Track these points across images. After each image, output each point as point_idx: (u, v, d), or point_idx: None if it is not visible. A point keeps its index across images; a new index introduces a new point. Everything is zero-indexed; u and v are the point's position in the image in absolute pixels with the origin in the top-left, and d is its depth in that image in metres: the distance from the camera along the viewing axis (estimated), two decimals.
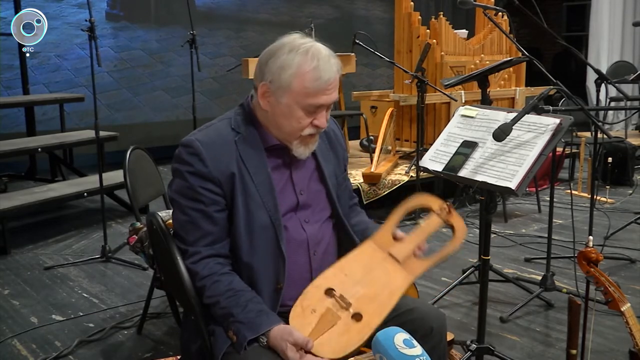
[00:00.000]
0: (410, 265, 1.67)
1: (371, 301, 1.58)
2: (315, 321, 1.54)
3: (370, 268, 1.64)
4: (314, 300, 1.57)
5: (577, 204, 4.82)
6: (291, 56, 1.58)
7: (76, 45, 6.40)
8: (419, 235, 1.72)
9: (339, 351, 1.51)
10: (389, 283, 1.62)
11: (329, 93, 1.60)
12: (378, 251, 1.69)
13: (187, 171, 1.59)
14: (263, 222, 1.61)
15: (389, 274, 1.64)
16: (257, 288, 1.62)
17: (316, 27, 5.69)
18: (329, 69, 1.58)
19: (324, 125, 1.64)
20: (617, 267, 3.55)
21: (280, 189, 1.67)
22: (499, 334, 2.78)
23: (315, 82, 1.57)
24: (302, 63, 1.57)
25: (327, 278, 1.61)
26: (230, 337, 1.55)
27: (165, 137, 6.76)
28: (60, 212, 4.91)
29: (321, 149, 1.77)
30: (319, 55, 1.58)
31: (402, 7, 5.04)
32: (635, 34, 8.12)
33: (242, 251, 1.62)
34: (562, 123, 1.85)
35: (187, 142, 1.62)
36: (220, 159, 1.60)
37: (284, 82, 1.58)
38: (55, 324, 2.92)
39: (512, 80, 5.39)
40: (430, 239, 1.73)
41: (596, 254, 1.75)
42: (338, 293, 1.58)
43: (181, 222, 1.62)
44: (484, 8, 2.98)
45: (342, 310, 1.56)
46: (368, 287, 1.61)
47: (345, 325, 1.54)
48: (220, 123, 1.68)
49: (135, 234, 2.46)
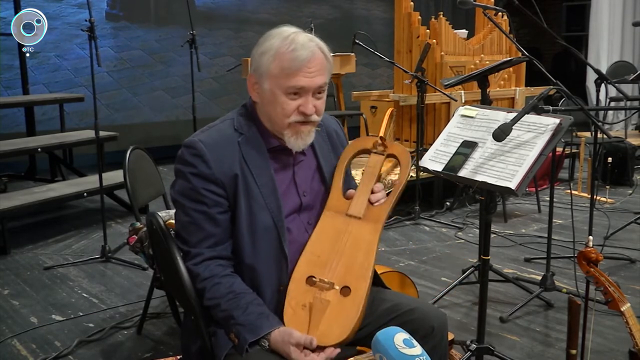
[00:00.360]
0: (372, 215, 1.66)
1: (350, 269, 1.59)
2: (308, 315, 1.54)
3: (336, 238, 1.64)
4: (299, 295, 1.57)
5: (577, 204, 4.82)
6: (270, 42, 1.59)
7: (76, 45, 6.40)
8: (368, 182, 1.70)
9: (343, 332, 1.52)
10: (359, 243, 1.62)
11: (310, 75, 1.57)
12: (336, 217, 1.67)
13: (190, 172, 1.59)
14: (266, 223, 1.61)
15: (356, 234, 1.64)
16: (260, 290, 1.61)
17: (316, 27, 5.69)
18: (306, 49, 1.56)
19: (310, 112, 1.59)
20: (616, 267, 3.55)
21: (284, 191, 1.66)
22: (499, 334, 2.78)
23: (293, 62, 1.55)
24: (280, 46, 1.57)
25: (302, 268, 1.61)
26: (232, 339, 1.55)
27: (165, 137, 6.76)
28: (60, 212, 4.91)
29: (322, 150, 1.76)
30: (297, 37, 1.58)
31: (402, 7, 5.04)
32: (635, 34, 8.12)
33: (245, 253, 1.61)
34: (562, 123, 1.85)
35: (190, 143, 1.61)
36: (223, 160, 1.59)
37: (264, 67, 1.59)
38: (55, 324, 2.92)
39: (512, 80, 5.39)
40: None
41: (596, 254, 1.75)
42: (317, 278, 1.58)
43: (184, 223, 1.62)
44: (483, 8, 2.98)
45: (328, 292, 1.56)
46: (342, 257, 1.61)
47: (338, 304, 1.55)
48: (222, 124, 1.67)
49: (135, 234, 2.46)
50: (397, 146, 1.77)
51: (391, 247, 3.97)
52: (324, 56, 1.61)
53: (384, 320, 1.66)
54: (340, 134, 1.86)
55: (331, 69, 1.66)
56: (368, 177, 1.70)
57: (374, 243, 1.62)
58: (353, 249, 1.62)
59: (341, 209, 1.68)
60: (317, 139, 1.73)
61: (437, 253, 3.87)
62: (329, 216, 1.67)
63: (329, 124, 1.83)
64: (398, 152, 1.76)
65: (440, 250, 3.91)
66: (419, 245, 4.01)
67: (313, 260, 1.61)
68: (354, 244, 1.62)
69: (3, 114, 5.98)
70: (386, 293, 1.76)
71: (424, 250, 3.91)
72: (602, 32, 8.01)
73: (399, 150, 1.77)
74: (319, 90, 1.61)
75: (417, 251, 3.90)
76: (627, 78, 3.92)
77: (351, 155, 1.77)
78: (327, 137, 1.80)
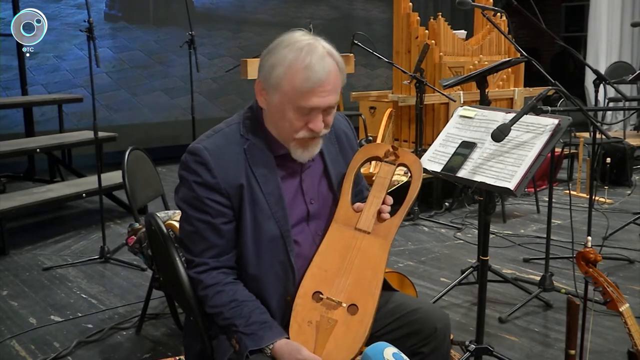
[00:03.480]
0: (381, 230, 1.62)
1: (358, 286, 1.55)
2: (314, 333, 1.51)
3: (344, 252, 1.60)
4: (306, 311, 1.54)
5: (575, 205, 4.82)
6: (284, 53, 1.49)
7: (75, 46, 6.39)
8: (378, 194, 1.65)
9: (350, 351, 1.49)
10: (368, 260, 1.59)
11: (323, 95, 1.49)
12: (345, 231, 1.62)
13: (194, 181, 1.53)
14: (272, 233, 1.56)
15: (365, 250, 1.60)
16: (265, 300, 1.58)
17: (315, 28, 5.68)
18: (321, 69, 1.47)
19: (319, 130, 1.53)
20: (615, 268, 3.55)
21: (290, 199, 1.61)
22: (498, 335, 2.78)
23: (306, 83, 1.46)
24: (294, 61, 1.47)
25: (309, 282, 1.57)
26: (233, 345, 1.53)
27: (164, 137, 6.76)
28: (59, 213, 4.90)
29: (330, 153, 1.70)
30: (313, 52, 1.48)
31: (401, 7, 5.04)
32: (634, 34, 8.13)
33: (249, 263, 1.58)
34: (560, 123, 1.85)
35: (195, 150, 1.54)
36: (228, 169, 1.54)
37: (273, 81, 1.50)
38: (54, 324, 2.92)
39: (510, 81, 5.40)
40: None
41: (595, 254, 1.75)
42: (325, 294, 1.55)
43: (187, 232, 1.58)
44: (482, 8, 2.98)
45: (335, 310, 1.53)
46: (350, 274, 1.57)
47: (344, 323, 1.52)
48: (228, 129, 1.60)
49: (134, 234, 2.47)
50: (408, 155, 1.71)
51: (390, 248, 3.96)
52: (338, 72, 1.52)
53: (388, 320, 1.65)
54: (349, 136, 1.79)
55: (344, 80, 1.57)
56: (378, 189, 1.65)
57: (383, 260, 1.58)
58: (361, 265, 1.58)
59: (350, 222, 1.63)
60: (325, 141, 1.66)
61: (436, 253, 3.87)
62: (337, 229, 1.63)
63: (338, 125, 1.75)
64: (410, 162, 1.70)
65: (439, 251, 3.91)
66: (418, 246, 4.01)
67: (320, 275, 1.58)
68: (363, 260, 1.58)
69: (2, 115, 5.98)
70: (390, 293, 1.73)
71: (423, 251, 3.91)
72: (600, 32, 8.02)
73: (410, 160, 1.71)
74: (330, 107, 1.54)
75: (416, 251, 3.90)
76: (626, 78, 3.93)
77: (360, 163, 1.72)
78: (336, 140, 1.73)
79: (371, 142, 4.97)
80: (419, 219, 4.51)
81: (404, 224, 4.47)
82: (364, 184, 1.83)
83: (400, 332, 1.64)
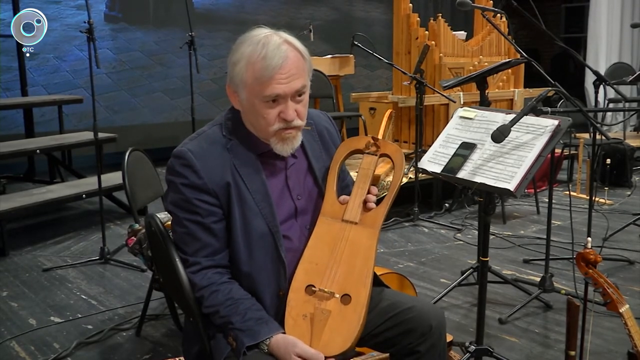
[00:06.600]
0: (368, 220, 1.64)
1: (350, 276, 1.57)
2: (309, 326, 1.52)
3: (333, 244, 1.61)
4: (300, 305, 1.55)
5: (575, 206, 4.83)
6: (242, 49, 1.53)
7: (75, 47, 6.40)
8: (362, 184, 1.67)
9: (346, 341, 1.50)
10: (357, 249, 1.60)
11: (283, 81, 1.50)
12: (332, 223, 1.64)
13: (181, 183, 1.56)
14: (261, 230, 1.59)
15: (353, 240, 1.62)
16: (258, 296, 1.60)
17: (315, 29, 5.70)
18: (277, 55, 1.49)
19: (291, 118, 1.54)
20: (615, 269, 3.55)
21: (277, 196, 1.63)
22: (498, 336, 2.78)
23: (265, 72, 1.49)
24: (251, 54, 1.51)
25: (301, 277, 1.59)
26: (230, 342, 1.54)
27: (164, 138, 6.75)
28: (59, 214, 4.90)
29: (313, 149, 1.73)
30: (269, 43, 1.50)
31: (401, 8, 5.05)
32: (634, 35, 8.14)
33: (241, 261, 1.60)
34: (560, 124, 1.85)
35: (179, 153, 1.57)
36: (214, 169, 1.56)
37: (237, 79, 1.54)
38: (54, 325, 2.92)
39: (510, 82, 5.40)
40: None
41: (595, 255, 1.75)
42: (317, 286, 1.57)
43: (180, 234, 1.61)
44: (482, 9, 2.98)
45: (328, 301, 1.55)
46: (340, 265, 1.59)
47: (339, 313, 1.53)
48: (211, 130, 1.64)
49: (133, 235, 2.46)
50: (389, 145, 1.74)
51: (390, 249, 3.97)
52: (299, 57, 1.54)
53: (383, 319, 1.66)
54: (331, 131, 1.81)
55: (310, 68, 1.59)
56: (362, 180, 1.68)
57: (372, 248, 1.60)
58: (351, 255, 1.60)
59: (336, 214, 1.65)
60: (308, 138, 1.70)
61: (436, 254, 3.87)
62: (324, 222, 1.65)
63: (319, 122, 1.78)
64: (391, 152, 1.73)
65: (439, 252, 3.91)
66: (418, 247, 4.01)
67: (311, 269, 1.59)
68: (352, 250, 1.60)
69: (2, 116, 5.98)
70: (384, 292, 1.74)
71: (423, 252, 3.91)
72: (600, 33, 8.03)
73: (392, 149, 1.73)
74: (298, 94, 1.55)
75: (416, 252, 3.90)
76: (626, 79, 3.93)
77: (344, 157, 1.74)
78: (318, 136, 1.76)
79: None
80: (419, 220, 4.51)
81: (404, 224, 4.47)
82: (349, 179, 1.85)
83: (395, 331, 1.64)
